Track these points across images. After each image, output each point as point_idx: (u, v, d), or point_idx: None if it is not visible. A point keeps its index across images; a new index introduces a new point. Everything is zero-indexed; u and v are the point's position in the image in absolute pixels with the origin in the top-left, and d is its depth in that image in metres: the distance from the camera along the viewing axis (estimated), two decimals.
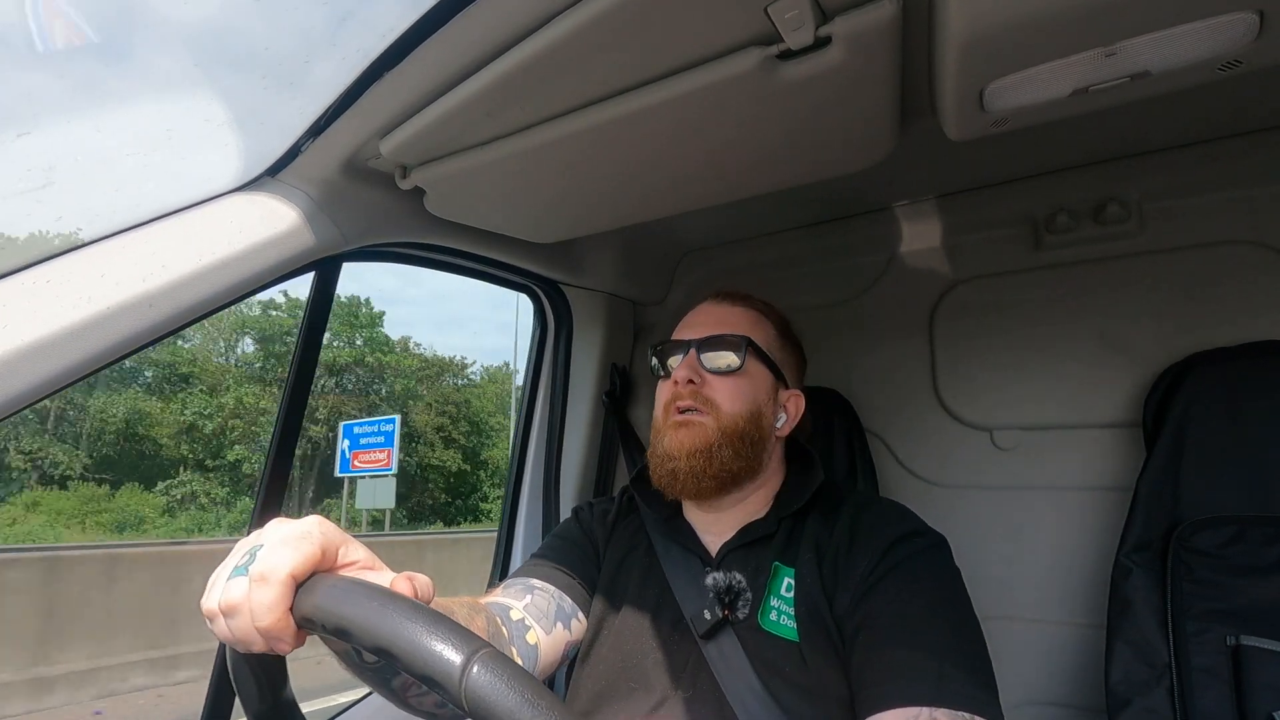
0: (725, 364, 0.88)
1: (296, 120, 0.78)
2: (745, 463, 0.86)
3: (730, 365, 0.88)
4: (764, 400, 0.89)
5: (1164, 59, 0.63)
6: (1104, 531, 1.12)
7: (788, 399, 0.93)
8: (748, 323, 0.92)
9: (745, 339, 0.89)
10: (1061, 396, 1.19)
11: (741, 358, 0.88)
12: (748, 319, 0.93)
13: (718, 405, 0.86)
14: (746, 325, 0.91)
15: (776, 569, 0.83)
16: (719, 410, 0.86)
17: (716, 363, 0.88)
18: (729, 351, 0.88)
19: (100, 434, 21.08)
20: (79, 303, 0.63)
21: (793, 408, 0.94)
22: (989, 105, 0.72)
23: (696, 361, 0.88)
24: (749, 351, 0.88)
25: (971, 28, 0.60)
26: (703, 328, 0.91)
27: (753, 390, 0.88)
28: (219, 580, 0.50)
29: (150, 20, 0.72)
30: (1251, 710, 0.86)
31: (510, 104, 0.74)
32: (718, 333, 0.90)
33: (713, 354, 0.89)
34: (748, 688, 0.77)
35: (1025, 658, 1.15)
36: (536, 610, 0.86)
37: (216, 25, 0.72)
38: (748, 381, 0.88)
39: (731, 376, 0.88)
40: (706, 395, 0.87)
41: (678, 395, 0.88)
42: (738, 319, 0.92)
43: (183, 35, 0.73)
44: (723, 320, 0.92)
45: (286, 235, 0.82)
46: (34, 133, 0.69)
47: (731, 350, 0.88)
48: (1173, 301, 1.12)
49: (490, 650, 0.39)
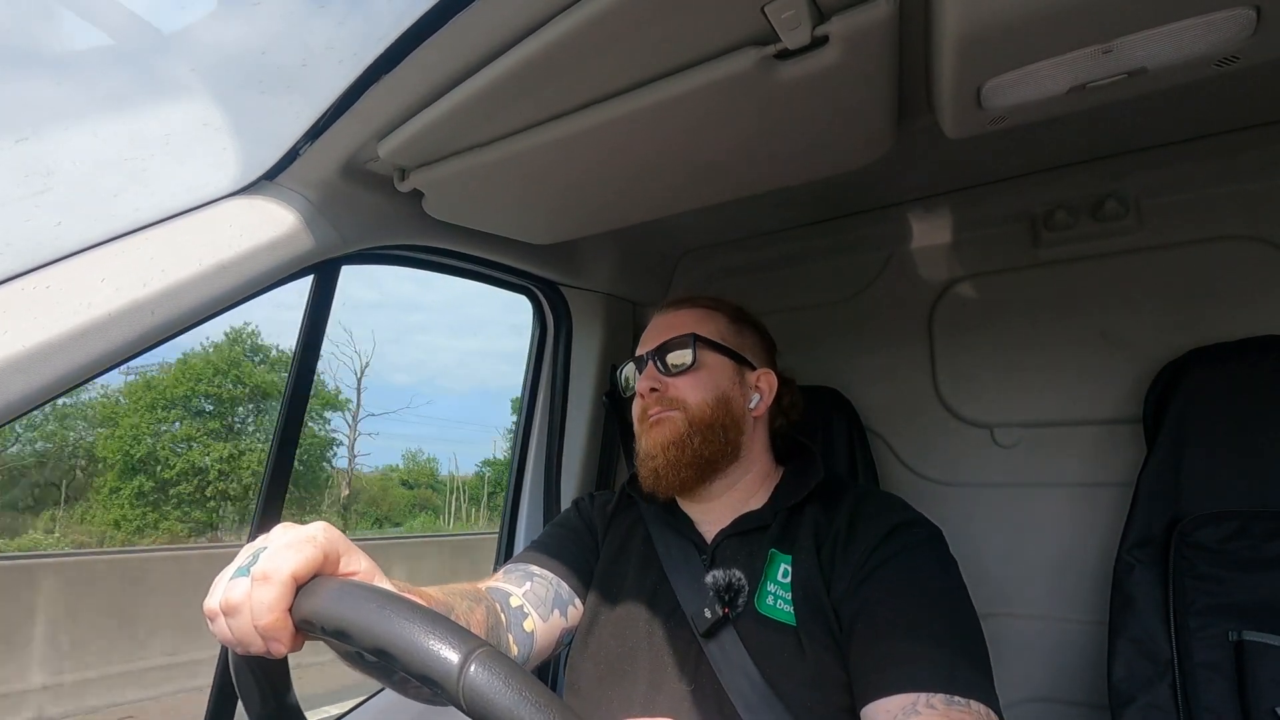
0: (679, 362, 0.92)
1: (294, 124, 0.78)
2: (719, 447, 0.89)
3: (684, 363, 0.92)
4: (728, 385, 0.93)
5: (1161, 55, 0.63)
6: (1105, 528, 1.12)
7: (757, 378, 0.96)
8: (693, 320, 0.96)
9: (691, 335, 0.93)
10: (1061, 393, 1.19)
11: (693, 353, 0.92)
12: (693, 317, 0.97)
13: (684, 400, 0.90)
14: (692, 323, 0.95)
15: (773, 556, 0.84)
16: (686, 404, 0.90)
17: (672, 364, 0.93)
18: (680, 350, 0.93)
19: None
20: (79, 308, 0.63)
21: (765, 385, 0.97)
22: (986, 103, 0.72)
23: (654, 369, 0.93)
24: (698, 344, 0.92)
25: (968, 25, 0.60)
26: (654, 339, 0.96)
27: (712, 379, 0.92)
28: (221, 581, 0.50)
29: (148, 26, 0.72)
30: (1254, 705, 0.86)
31: (508, 105, 0.74)
32: (666, 338, 0.94)
33: (666, 358, 0.93)
34: (747, 680, 0.77)
35: (1028, 654, 1.15)
36: (535, 597, 0.88)
37: (214, 30, 0.72)
38: (705, 372, 0.92)
39: (688, 373, 0.92)
40: (671, 396, 0.91)
41: (646, 406, 0.92)
42: (683, 320, 0.96)
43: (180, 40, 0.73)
44: (670, 326, 0.96)
45: (285, 239, 0.82)
46: (33, 138, 0.69)
47: (681, 349, 0.93)
48: (1172, 297, 1.12)
49: (488, 649, 0.40)
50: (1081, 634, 1.12)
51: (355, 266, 1.02)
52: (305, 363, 0.97)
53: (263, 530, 0.54)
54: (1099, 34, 0.61)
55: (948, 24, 0.60)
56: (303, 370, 0.97)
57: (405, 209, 0.99)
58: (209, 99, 0.75)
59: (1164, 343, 1.10)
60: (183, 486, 19.50)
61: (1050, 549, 1.17)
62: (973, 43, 0.62)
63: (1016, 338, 1.24)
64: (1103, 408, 1.16)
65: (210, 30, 0.73)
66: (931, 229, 1.36)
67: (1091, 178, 1.19)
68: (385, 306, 55.35)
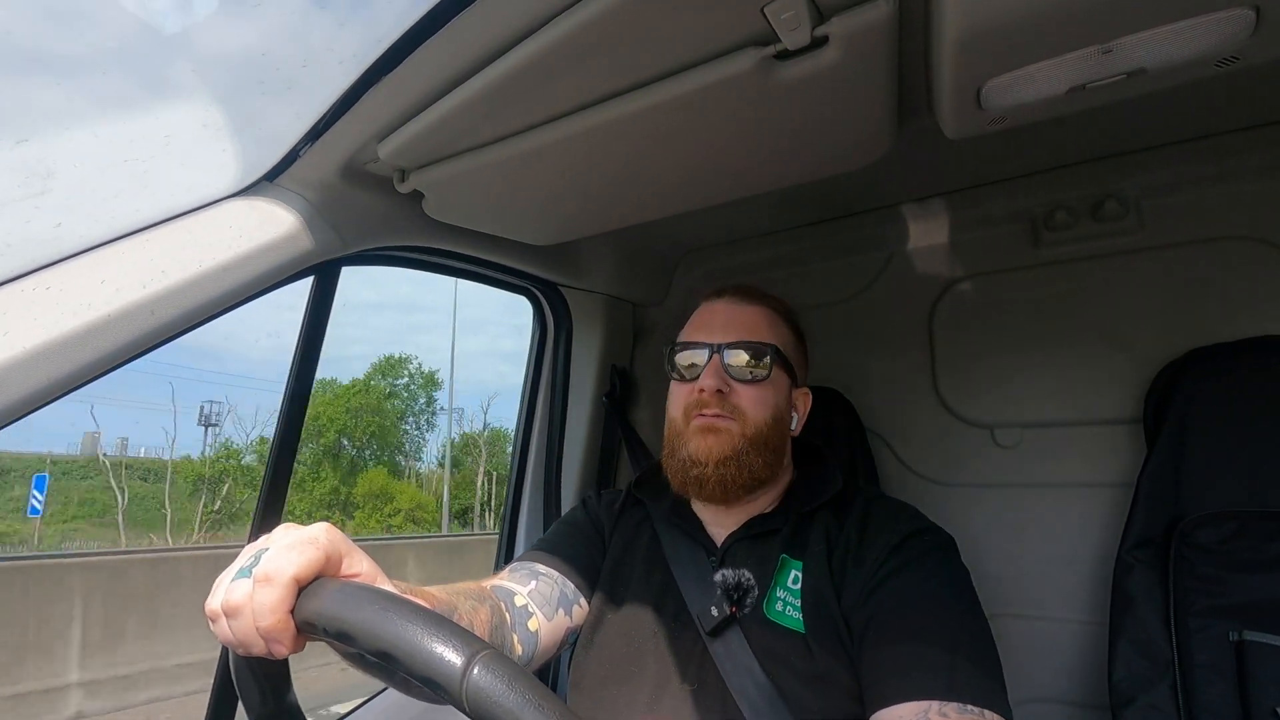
0: (751, 373, 0.86)
1: (294, 125, 0.78)
2: (771, 469, 0.87)
3: (757, 375, 0.86)
4: (784, 405, 0.89)
5: (1160, 56, 0.63)
6: (1105, 528, 1.12)
7: (798, 397, 0.94)
8: (768, 326, 0.90)
9: (772, 347, 0.87)
10: (1062, 394, 1.19)
11: (769, 367, 0.86)
12: (767, 321, 0.91)
13: (744, 413, 0.85)
14: (767, 329, 0.90)
15: (784, 561, 0.83)
16: (745, 418, 0.85)
17: (742, 370, 0.86)
18: (755, 358, 0.87)
19: None
20: (80, 309, 0.63)
21: (802, 406, 0.94)
22: (986, 103, 0.72)
23: (721, 368, 0.86)
24: (774, 359, 0.87)
25: (968, 26, 0.60)
26: (724, 330, 0.88)
27: (775, 396, 0.88)
28: (223, 582, 0.50)
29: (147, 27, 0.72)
30: (1255, 706, 0.86)
31: (508, 106, 0.74)
32: (743, 338, 0.87)
33: (737, 360, 0.86)
34: (753, 681, 0.77)
35: (1028, 655, 1.15)
36: (540, 596, 0.87)
37: (214, 31, 0.72)
38: (771, 389, 0.87)
39: (757, 385, 0.86)
40: (733, 403, 0.85)
41: (703, 402, 0.85)
42: (758, 322, 0.90)
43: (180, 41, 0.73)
44: (745, 324, 0.89)
45: (285, 240, 0.82)
46: (32, 140, 0.69)
47: (757, 357, 0.87)
48: (1172, 298, 1.12)
49: (490, 652, 0.40)
50: (1082, 634, 1.12)
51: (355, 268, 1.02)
52: (305, 364, 0.97)
53: (264, 531, 0.54)
54: (1098, 34, 0.60)
55: (947, 24, 0.60)
56: (303, 371, 0.97)
57: (405, 210, 0.99)
58: (209, 100, 0.75)
59: (1164, 343, 1.10)
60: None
61: (1050, 549, 1.17)
62: (972, 43, 0.62)
63: (1017, 338, 1.24)
64: (1103, 408, 1.16)
65: (210, 31, 0.73)
66: (931, 229, 1.36)
67: (1091, 178, 1.19)
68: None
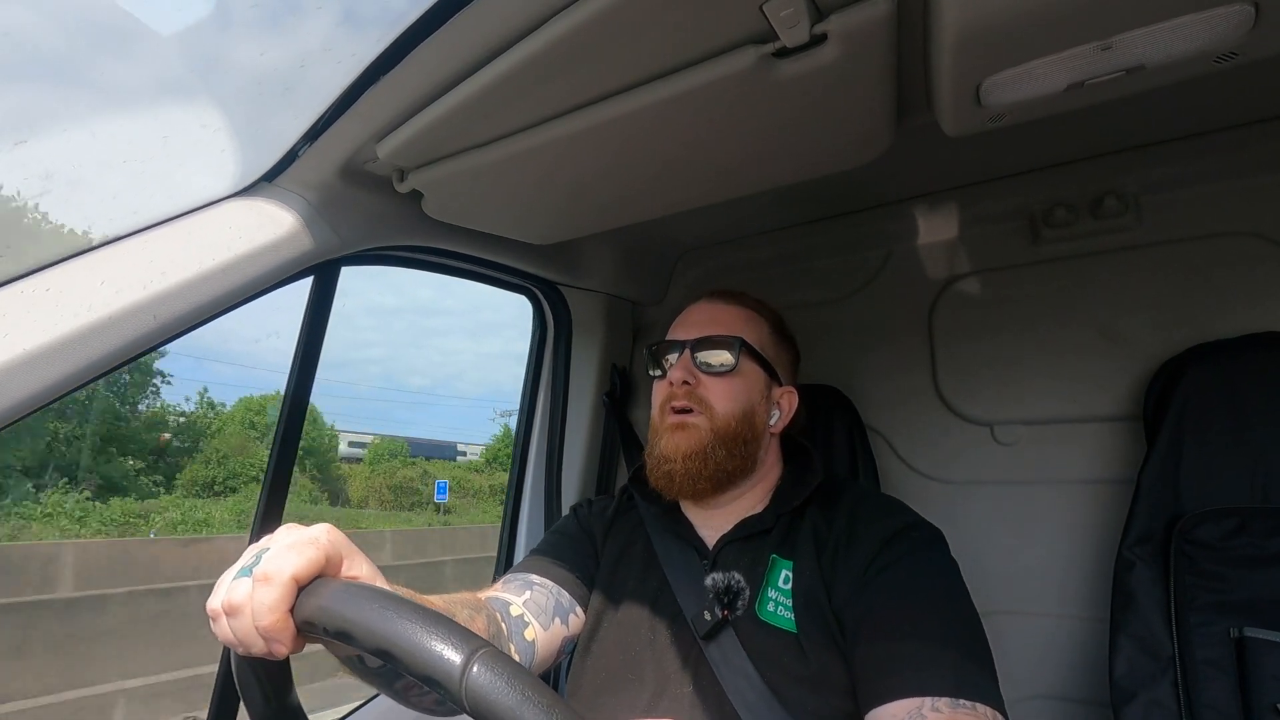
0: (719, 363, 0.90)
1: (293, 125, 0.78)
2: (739, 462, 0.88)
3: (724, 365, 0.89)
4: (757, 399, 0.91)
5: (1159, 52, 0.63)
6: (1106, 525, 1.12)
7: (781, 396, 0.95)
8: (741, 322, 0.93)
9: (738, 339, 0.90)
10: (1061, 390, 1.19)
11: (735, 357, 0.89)
12: (741, 318, 0.94)
13: (711, 405, 0.88)
14: (740, 324, 0.93)
15: (774, 561, 0.84)
16: (712, 410, 0.88)
17: (710, 362, 0.90)
18: (723, 351, 0.90)
19: None
20: (80, 310, 0.63)
21: (786, 404, 0.95)
22: (985, 100, 0.72)
23: (691, 362, 0.90)
24: (742, 351, 0.90)
25: (966, 23, 0.60)
26: (697, 327, 0.92)
27: (746, 389, 0.90)
28: (224, 581, 0.50)
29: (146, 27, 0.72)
30: (1256, 702, 0.86)
31: (507, 105, 0.74)
32: (711, 333, 0.91)
33: (707, 354, 0.90)
34: (747, 683, 0.77)
35: (1029, 652, 1.15)
36: (535, 606, 0.87)
37: (212, 31, 0.72)
38: (741, 381, 0.90)
39: (725, 376, 0.89)
40: (700, 395, 0.88)
41: (673, 395, 0.89)
42: (731, 318, 0.93)
43: (179, 42, 0.73)
44: (716, 319, 0.93)
45: (285, 240, 0.82)
46: (31, 140, 0.69)
47: (725, 350, 0.90)
48: (1171, 294, 1.12)
49: (490, 650, 0.39)
50: (1082, 631, 1.12)
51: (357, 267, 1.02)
52: (306, 364, 0.97)
53: (265, 531, 0.54)
54: (1097, 31, 0.60)
55: (946, 22, 0.60)
56: (303, 371, 0.97)
57: (404, 210, 0.99)
58: (207, 101, 0.76)
59: (1164, 340, 1.10)
60: None
61: (1051, 546, 1.17)
62: (971, 40, 0.62)
63: (1016, 335, 1.24)
64: (1103, 405, 1.16)
65: (208, 32, 0.73)
66: (931, 226, 1.36)
67: (1091, 174, 1.19)
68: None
